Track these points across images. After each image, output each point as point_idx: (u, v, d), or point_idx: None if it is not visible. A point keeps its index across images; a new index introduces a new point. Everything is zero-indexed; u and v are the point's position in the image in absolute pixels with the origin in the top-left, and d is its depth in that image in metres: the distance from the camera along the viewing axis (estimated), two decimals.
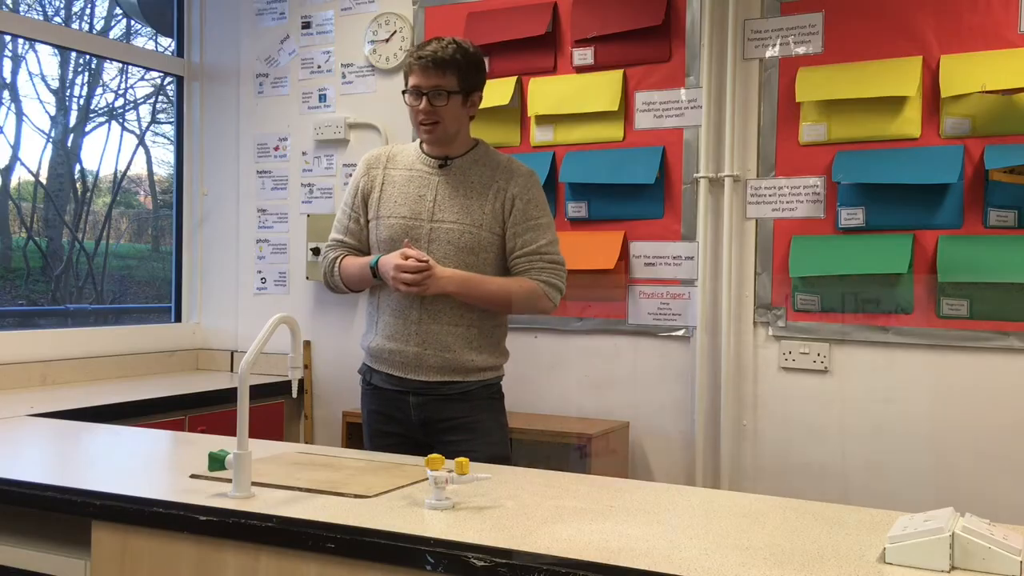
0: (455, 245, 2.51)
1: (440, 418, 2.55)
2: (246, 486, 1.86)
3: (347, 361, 3.98)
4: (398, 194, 2.58)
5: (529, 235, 2.54)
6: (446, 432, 2.54)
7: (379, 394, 2.63)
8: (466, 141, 2.62)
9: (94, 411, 3.12)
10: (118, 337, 4.10)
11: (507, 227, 2.54)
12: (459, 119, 2.55)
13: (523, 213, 2.54)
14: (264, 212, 4.36)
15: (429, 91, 2.48)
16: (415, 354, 2.53)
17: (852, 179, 3.21)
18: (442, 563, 1.56)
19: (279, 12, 4.31)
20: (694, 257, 3.47)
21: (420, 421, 2.57)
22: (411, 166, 2.61)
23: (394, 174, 2.62)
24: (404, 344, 2.54)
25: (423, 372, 2.54)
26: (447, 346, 2.52)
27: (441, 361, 2.52)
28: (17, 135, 4.08)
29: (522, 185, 2.56)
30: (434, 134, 2.53)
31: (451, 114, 2.51)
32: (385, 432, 2.63)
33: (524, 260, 2.54)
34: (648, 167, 3.49)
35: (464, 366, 2.54)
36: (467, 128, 2.62)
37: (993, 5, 3.07)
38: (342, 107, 4.17)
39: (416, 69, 2.49)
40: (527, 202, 2.55)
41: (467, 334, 2.53)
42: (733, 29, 3.42)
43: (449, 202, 2.54)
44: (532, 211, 2.55)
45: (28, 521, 2.10)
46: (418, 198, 2.56)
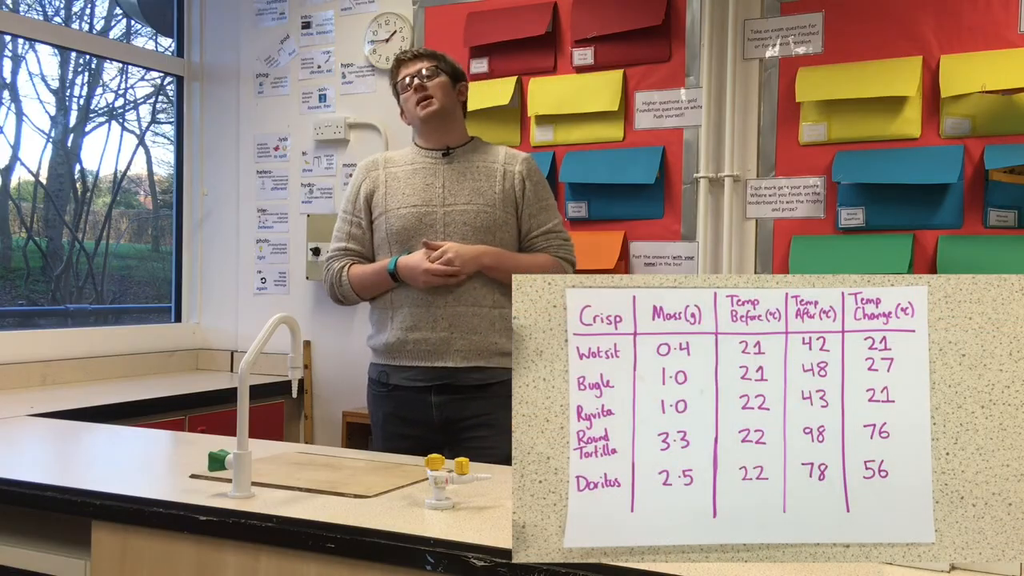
0: (472, 226, 2.53)
1: (462, 416, 2.54)
2: (246, 486, 1.86)
3: (347, 361, 3.98)
4: (404, 186, 2.60)
5: (543, 215, 2.62)
6: (468, 429, 2.54)
7: (396, 396, 2.60)
8: (463, 134, 2.67)
9: (94, 411, 3.12)
10: (118, 337, 4.10)
11: (521, 207, 2.60)
12: (451, 97, 2.63)
13: (535, 194, 2.61)
14: (264, 212, 4.36)
15: (418, 72, 2.59)
16: (442, 339, 2.52)
17: (852, 179, 3.21)
18: (442, 563, 1.56)
19: (279, 12, 4.31)
20: (694, 257, 3.47)
21: (442, 421, 2.56)
22: (411, 161, 2.65)
23: (395, 171, 2.64)
24: (430, 331, 2.52)
25: (449, 358, 2.52)
26: (474, 328, 2.53)
27: (468, 344, 2.52)
28: (17, 135, 4.08)
29: (528, 167, 2.63)
30: (432, 106, 2.58)
31: (443, 88, 2.60)
32: (401, 435, 2.59)
33: (542, 239, 2.61)
34: (648, 167, 3.49)
35: (488, 349, 2.54)
36: (462, 118, 2.69)
37: (993, 5, 3.07)
38: (342, 107, 4.17)
39: (403, 63, 2.65)
40: (536, 183, 2.62)
41: (491, 315, 2.54)
42: (733, 29, 3.42)
43: (458, 186, 2.57)
44: (542, 192, 2.64)
45: (28, 521, 2.10)
46: (426, 186, 2.58)
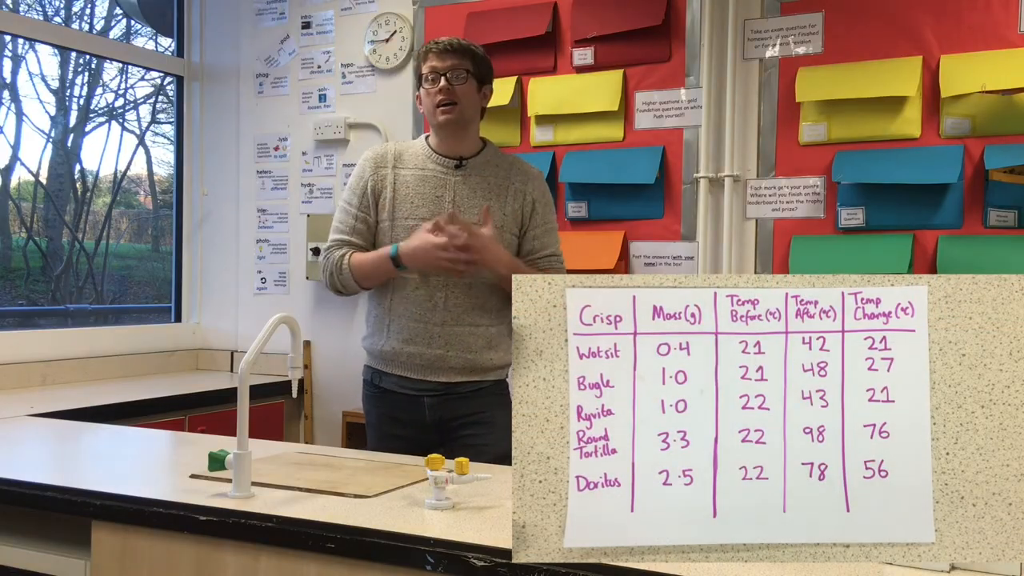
0: None
1: (455, 415, 2.54)
2: (246, 486, 1.86)
3: (347, 361, 3.97)
4: (414, 195, 2.52)
5: (547, 238, 2.59)
6: (461, 428, 2.54)
7: (389, 397, 2.59)
8: (476, 140, 2.60)
9: (94, 411, 3.12)
10: (118, 337, 4.10)
11: (527, 229, 2.56)
12: (474, 105, 2.54)
13: (542, 217, 2.58)
14: (264, 212, 4.36)
15: (447, 71, 2.47)
16: (437, 356, 2.50)
17: (852, 179, 3.21)
18: (442, 563, 1.56)
19: (279, 12, 4.31)
20: (694, 257, 3.47)
21: (435, 420, 2.55)
22: (422, 166, 2.55)
23: (405, 174, 2.55)
24: (426, 347, 2.50)
25: (443, 374, 2.52)
26: (469, 347, 2.51)
27: (463, 362, 2.51)
28: (17, 135, 4.08)
29: (539, 188, 2.59)
30: (452, 115, 2.48)
31: (468, 96, 2.50)
32: (394, 435, 2.59)
33: (544, 261, 2.58)
34: (648, 167, 3.49)
35: (483, 366, 2.53)
36: (478, 122, 2.60)
37: (993, 5, 3.07)
38: (342, 107, 4.17)
39: (433, 53, 2.50)
40: (544, 205, 2.59)
41: (487, 334, 2.53)
42: (733, 29, 3.42)
43: (468, 203, 2.51)
44: (548, 215, 2.61)
45: (28, 521, 2.10)
46: (435, 199, 2.51)
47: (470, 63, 2.50)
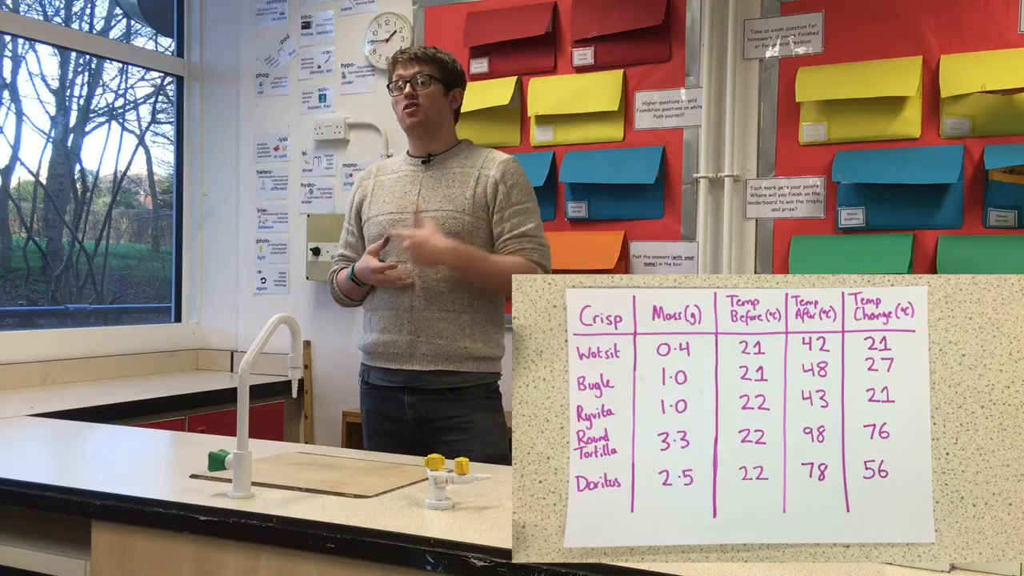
0: (441, 231, 2.50)
1: (435, 418, 2.55)
2: (246, 486, 1.86)
3: (347, 361, 3.97)
4: (386, 194, 2.64)
5: (517, 219, 2.54)
6: (442, 432, 2.54)
7: (376, 393, 2.64)
8: (450, 138, 2.65)
9: (94, 411, 3.12)
10: (118, 337, 4.10)
11: (492, 211, 2.55)
12: (440, 108, 2.60)
13: (507, 198, 2.54)
14: (264, 212, 4.36)
15: (411, 78, 2.56)
16: (408, 343, 2.54)
17: (852, 179, 3.21)
18: (442, 563, 1.56)
19: (279, 12, 4.31)
20: (694, 257, 3.47)
21: (416, 420, 2.57)
22: (398, 169, 2.68)
23: (383, 179, 2.69)
24: (397, 334, 2.55)
25: (415, 361, 2.54)
26: (439, 332, 2.52)
27: (434, 348, 2.52)
28: (17, 135, 4.08)
29: (503, 169, 2.56)
30: (417, 116, 2.56)
31: (432, 99, 2.57)
32: (383, 432, 2.63)
33: (514, 242, 2.53)
34: (648, 167, 3.49)
35: (456, 354, 2.53)
36: (450, 124, 2.66)
37: (993, 5, 3.07)
38: (342, 107, 4.17)
39: (400, 63, 2.61)
40: (511, 186, 2.55)
41: (459, 320, 2.53)
42: (733, 29, 3.42)
43: (432, 193, 2.57)
44: (516, 195, 2.55)
45: (28, 521, 2.10)
46: (403, 194, 2.61)
47: (435, 68, 2.59)
